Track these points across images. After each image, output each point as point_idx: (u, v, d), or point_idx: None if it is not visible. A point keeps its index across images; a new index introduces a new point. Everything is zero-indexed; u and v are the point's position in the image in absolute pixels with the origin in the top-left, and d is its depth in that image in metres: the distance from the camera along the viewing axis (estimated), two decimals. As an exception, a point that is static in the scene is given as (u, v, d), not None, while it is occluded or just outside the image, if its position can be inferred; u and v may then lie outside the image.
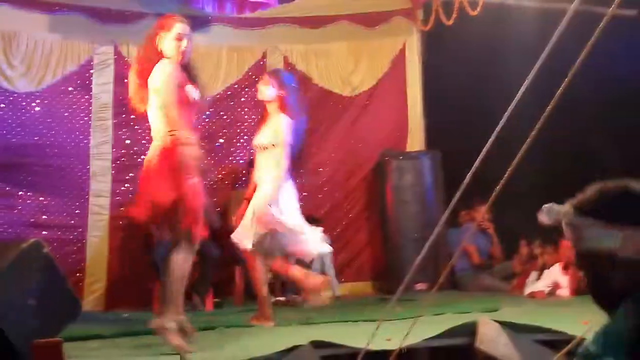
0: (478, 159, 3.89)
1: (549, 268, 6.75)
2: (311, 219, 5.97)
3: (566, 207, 2.05)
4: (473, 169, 3.81)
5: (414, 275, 7.26)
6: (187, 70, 4.36)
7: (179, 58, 4.23)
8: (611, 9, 2.82)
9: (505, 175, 3.31)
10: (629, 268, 1.94)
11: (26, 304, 3.65)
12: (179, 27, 4.25)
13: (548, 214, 2.07)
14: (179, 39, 4.22)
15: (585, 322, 4.46)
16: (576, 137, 7.35)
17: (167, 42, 4.22)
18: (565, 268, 6.50)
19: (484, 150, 3.90)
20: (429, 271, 6.90)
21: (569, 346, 2.75)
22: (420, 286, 7.18)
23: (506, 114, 3.58)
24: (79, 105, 7.25)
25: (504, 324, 4.37)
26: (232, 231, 7.11)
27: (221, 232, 7.26)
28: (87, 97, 7.27)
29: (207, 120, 7.70)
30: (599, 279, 2.02)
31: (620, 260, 1.94)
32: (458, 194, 3.89)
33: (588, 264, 2.02)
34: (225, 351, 4.20)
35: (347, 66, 8.11)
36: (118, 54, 7.40)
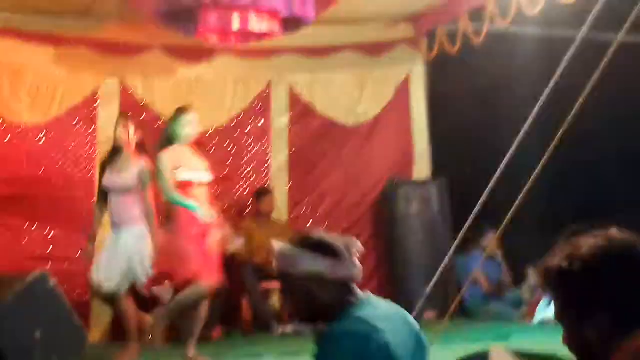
0: (488, 187, 3.88)
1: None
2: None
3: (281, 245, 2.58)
4: (483, 197, 3.80)
5: (423, 304, 7.23)
6: None
7: None
8: (619, 35, 2.82)
9: (516, 203, 3.30)
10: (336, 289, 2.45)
11: (32, 336, 3.63)
12: None
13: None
14: None
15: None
16: (585, 164, 7.33)
17: None
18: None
19: (494, 178, 3.89)
20: (438, 299, 6.85)
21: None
22: (429, 314, 7.12)
23: (515, 143, 3.57)
24: (85, 138, 7.26)
25: (517, 353, 4.32)
26: (239, 261, 7.14)
27: (229, 262, 7.26)
28: (92, 129, 7.28)
29: (212, 151, 7.69)
30: (310, 300, 2.46)
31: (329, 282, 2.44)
32: (469, 222, 3.87)
33: (299, 287, 2.46)
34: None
35: (351, 95, 8.11)
36: (123, 86, 7.42)
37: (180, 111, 5.91)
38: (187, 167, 5.64)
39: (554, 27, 7.27)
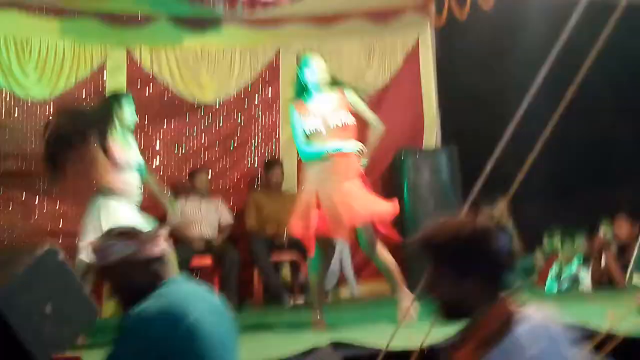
0: (493, 154, 3.83)
1: (569, 261, 6.67)
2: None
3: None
4: (489, 164, 3.75)
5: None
6: None
7: None
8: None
9: (524, 169, 3.25)
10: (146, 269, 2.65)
11: (42, 311, 3.62)
12: None
13: None
14: None
15: (611, 315, 4.41)
16: (591, 131, 7.26)
17: None
18: (586, 261, 6.41)
19: (500, 145, 3.83)
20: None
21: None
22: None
23: (520, 111, 3.51)
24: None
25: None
26: (249, 233, 7.12)
27: (238, 235, 7.25)
28: (101, 102, 7.24)
29: (221, 123, 7.66)
30: (126, 283, 2.69)
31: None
32: (476, 189, 3.83)
33: (116, 273, 2.68)
34: (245, 352, 4.16)
35: (360, 63, 8.03)
36: (130, 58, 7.37)
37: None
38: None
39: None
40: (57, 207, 6.98)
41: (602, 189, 7.74)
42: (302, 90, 5.35)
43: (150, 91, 7.46)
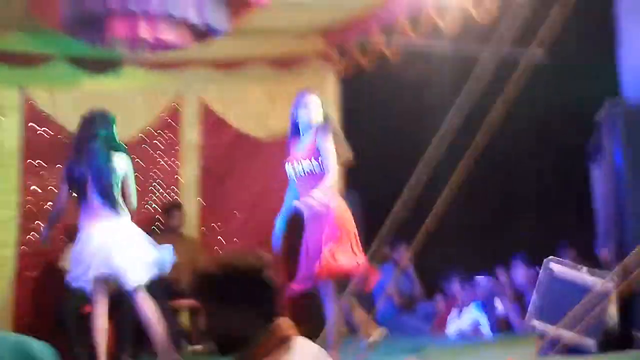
0: (401, 200, 3.84)
1: (467, 306, 6.73)
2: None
3: None
4: (392, 214, 3.75)
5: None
6: None
7: None
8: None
9: (430, 215, 3.25)
10: None
11: None
12: None
13: None
14: None
15: (510, 358, 4.45)
16: (493, 179, 7.44)
17: None
18: (485, 306, 6.49)
19: (405, 191, 3.85)
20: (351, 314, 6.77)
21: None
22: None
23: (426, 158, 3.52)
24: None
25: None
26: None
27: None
28: (-6, 142, 6.97)
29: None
30: None
31: None
32: (380, 236, 3.81)
33: None
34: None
35: (263, 109, 8.01)
36: (27, 98, 7.13)
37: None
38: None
39: (471, 43, 7.36)
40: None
41: (501, 235, 7.92)
42: (296, 130, 5.22)
43: (45, 132, 7.22)
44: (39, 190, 7.12)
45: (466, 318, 6.60)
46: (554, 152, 7.74)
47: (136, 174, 7.49)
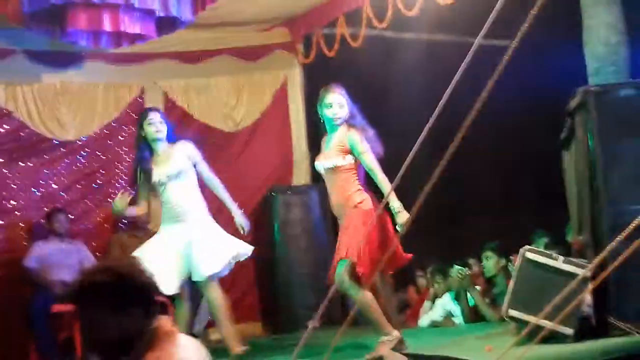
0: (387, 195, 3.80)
1: (440, 297, 6.72)
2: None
3: None
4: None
5: (306, 313, 7.12)
6: None
7: None
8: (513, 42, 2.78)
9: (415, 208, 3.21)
10: None
11: None
12: None
13: None
14: None
15: (488, 348, 4.44)
16: (464, 168, 7.45)
17: None
18: (457, 297, 6.48)
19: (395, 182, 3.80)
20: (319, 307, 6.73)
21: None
22: (313, 323, 7.00)
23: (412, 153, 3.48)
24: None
25: (410, 356, 4.27)
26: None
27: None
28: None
29: (83, 161, 7.35)
30: None
31: None
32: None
33: None
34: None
35: (228, 101, 7.92)
36: (-15, 94, 6.98)
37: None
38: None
39: (434, 31, 7.35)
40: None
41: (472, 225, 7.93)
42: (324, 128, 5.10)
43: (6, 128, 7.07)
44: (2, 188, 6.96)
45: (439, 309, 6.58)
46: (525, 140, 7.75)
47: (101, 170, 7.42)
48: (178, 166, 5.23)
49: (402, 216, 4.58)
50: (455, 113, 3.00)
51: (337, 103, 4.98)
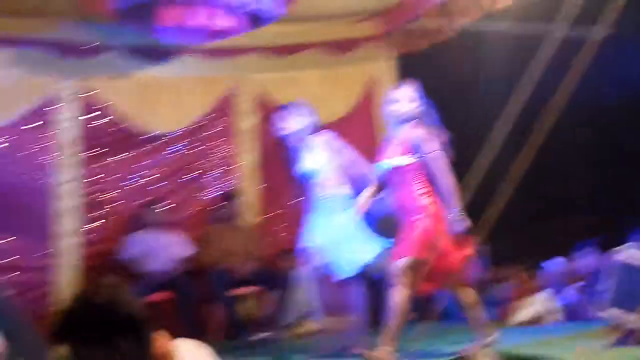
0: (465, 188, 3.72)
1: (534, 294, 6.58)
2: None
3: None
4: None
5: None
6: None
7: None
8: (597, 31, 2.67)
9: (499, 202, 3.15)
10: None
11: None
12: None
13: None
14: None
15: (578, 349, 4.32)
16: (568, 161, 7.26)
17: None
18: (554, 294, 6.33)
19: (477, 177, 3.73)
20: (417, 300, 6.66)
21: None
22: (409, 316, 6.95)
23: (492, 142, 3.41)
24: (45, 142, 6.99)
25: (499, 354, 4.20)
26: (207, 267, 6.91)
27: (196, 269, 7.05)
28: (52, 133, 7.01)
29: (178, 153, 7.49)
30: None
31: None
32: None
33: None
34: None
35: (319, 94, 7.92)
36: (84, 88, 7.17)
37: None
38: None
39: (526, 23, 7.19)
40: (7, 241, 6.70)
41: (571, 221, 7.72)
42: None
43: (105, 122, 7.26)
44: (100, 180, 7.15)
45: (535, 306, 6.45)
46: (623, 132, 7.50)
47: (195, 162, 7.55)
48: None
49: (462, 223, 4.47)
50: (548, 106, 2.92)
51: (403, 98, 4.85)
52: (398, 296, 4.54)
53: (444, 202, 4.54)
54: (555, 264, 6.08)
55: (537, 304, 6.44)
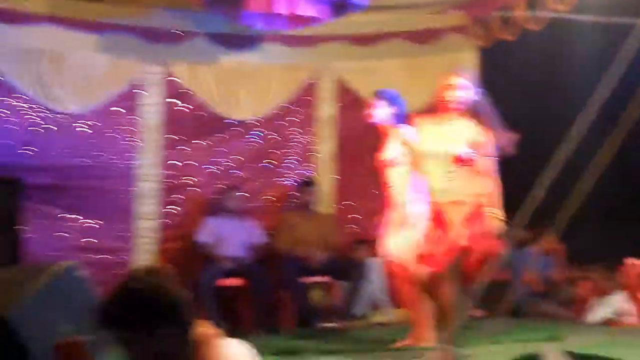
0: (543, 182, 3.62)
1: (609, 294, 6.39)
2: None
3: None
4: (538, 191, 3.54)
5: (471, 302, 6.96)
6: None
7: None
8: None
9: (576, 199, 3.04)
10: None
11: (58, 330, 3.48)
12: None
13: None
14: None
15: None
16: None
17: None
18: (632, 295, 6.13)
19: (549, 171, 3.63)
20: (486, 297, 6.55)
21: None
22: (477, 313, 6.85)
23: (571, 136, 3.30)
24: (128, 126, 7.14)
25: (571, 354, 4.08)
26: (280, 254, 6.95)
27: (270, 256, 7.09)
28: (135, 117, 7.17)
29: (257, 140, 7.54)
30: None
31: None
32: (524, 220, 3.62)
33: None
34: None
35: (400, 84, 7.82)
36: (168, 74, 7.29)
37: None
38: None
39: (614, 14, 6.94)
40: (87, 222, 6.88)
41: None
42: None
43: (187, 108, 7.36)
44: (179, 165, 7.27)
45: (609, 306, 6.25)
46: None
47: (273, 150, 7.59)
48: None
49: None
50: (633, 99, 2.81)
51: (459, 86, 4.75)
52: (445, 294, 4.49)
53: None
54: (633, 263, 5.87)
55: (612, 304, 6.24)
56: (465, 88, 4.78)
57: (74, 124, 6.93)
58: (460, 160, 4.68)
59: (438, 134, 4.96)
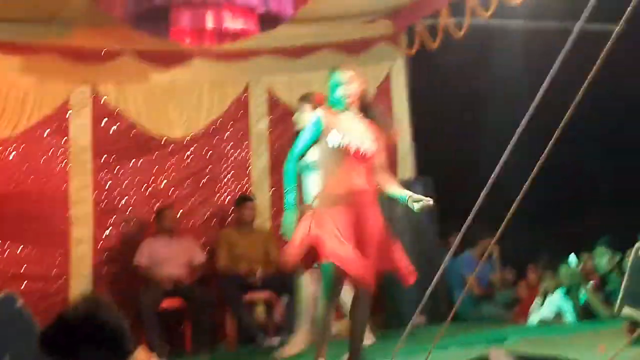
0: (485, 189, 3.66)
1: (551, 293, 6.50)
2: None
3: None
4: (479, 199, 3.57)
5: (410, 309, 7.00)
6: None
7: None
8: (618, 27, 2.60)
9: (513, 206, 3.08)
10: None
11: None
12: None
13: None
14: None
15: (602, 348, 4.24)
16: (576, 162, 7.17)
17: None
18: (568, 293, 6.25)
19: (490, 179, 3.68)
20: (427, 303, 6.59)
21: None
22: (418, 320, 6.89)
23: (510, 144, 3.34)
24: (57, 149, 6.98)
25: (516, 356, 4.12)
26: (220, 272, 6.87)
27: (209, 274, 7.01)
28: (64, 140, 7.01)
29: (190, 158, 7.45)
30: None
31: None
32: (465, 225, 3.65)
33: None
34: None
35: (331, 95, 7.87)
36: (95, 94, 7.15)
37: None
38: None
39: (537, 19, 7.12)
40: (20, 250, 6.69)
41: (586, 219, 7.64)
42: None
43: (116, 128, 7.23)
44: (113, 186, 7.14)
45: (549, 306, 6.37)
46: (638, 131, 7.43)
47: (209, 166, 7.51)
48: None
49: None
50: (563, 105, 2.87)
51: (351, 81, 4.67)
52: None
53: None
54: (570, 263, 6.00)
55: (550, 304, 6.36)
56: (353, 82, 4.69)
57: (1, 150, 6.74)
58: (361, 155, 4.55)
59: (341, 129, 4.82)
